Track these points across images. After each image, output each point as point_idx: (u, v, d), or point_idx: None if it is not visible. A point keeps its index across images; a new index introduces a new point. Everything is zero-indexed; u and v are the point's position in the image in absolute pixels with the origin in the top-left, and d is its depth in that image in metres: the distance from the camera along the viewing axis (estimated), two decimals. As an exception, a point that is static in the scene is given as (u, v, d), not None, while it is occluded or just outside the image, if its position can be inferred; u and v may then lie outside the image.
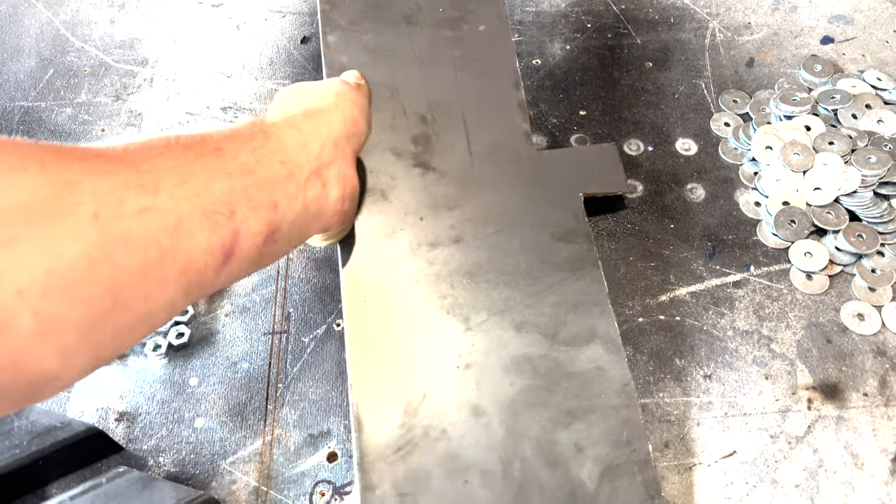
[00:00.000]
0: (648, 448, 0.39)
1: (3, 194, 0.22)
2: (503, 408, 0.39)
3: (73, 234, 0.23)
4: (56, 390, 0.25)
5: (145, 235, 0.26)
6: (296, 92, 0.41)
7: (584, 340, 0.42)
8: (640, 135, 0.56)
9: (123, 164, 0.27)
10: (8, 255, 0.22)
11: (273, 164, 0.33)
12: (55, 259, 0.23)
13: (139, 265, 0.26)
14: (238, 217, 0.30)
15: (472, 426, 0.39)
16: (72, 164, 0.25)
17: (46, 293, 0.22)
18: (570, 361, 0.41)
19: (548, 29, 0.64)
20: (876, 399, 0.43)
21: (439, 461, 0.38)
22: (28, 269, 0.22)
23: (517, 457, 0.38)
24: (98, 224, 0.24)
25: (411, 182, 0.46)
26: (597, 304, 0.43)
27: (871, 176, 0.49)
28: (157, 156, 0.28)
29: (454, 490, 0.37)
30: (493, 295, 0.43)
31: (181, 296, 0.28)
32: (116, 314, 0.25)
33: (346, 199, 0.39)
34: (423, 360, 0.40)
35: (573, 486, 0.37)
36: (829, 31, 0.63)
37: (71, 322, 0.23)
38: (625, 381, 0.40)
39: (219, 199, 0.29)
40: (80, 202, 0.24)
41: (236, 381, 0.45)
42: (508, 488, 0.37)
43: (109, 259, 0.24)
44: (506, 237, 0.45)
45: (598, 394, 0.40)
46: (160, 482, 0.38)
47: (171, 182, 0.28)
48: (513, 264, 0.44)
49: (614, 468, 0.38)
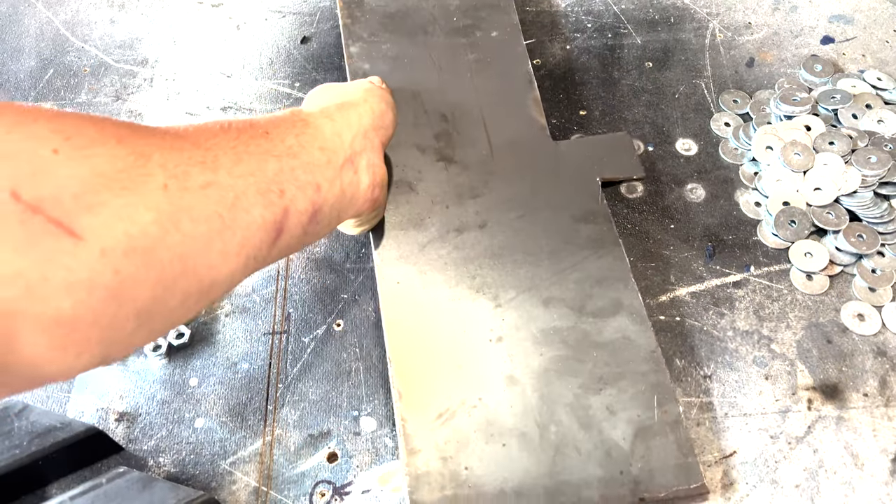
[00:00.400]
0: (679, 410, 0.40)
1: (88, 164, 0.24)
2: (536, 376, 0.42)
3: (146, 202, 0.25)
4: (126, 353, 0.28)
5: (208, 208, 0.28)
6: (327, 88, 0.44)
7: (610, 312, 0.44)
8: (640, 135, 0.56)
9: (188, 141, 0.29)
10: (94, 219, 0.24)
11: (314, 149, 0.36)
12: (133, 224, 0.25)
13: (204, 235, 0.28)
14: (287, 196, 0.33)
15: (507, 394, 0.41)
16: (143, 138, 0.27)
17: (127, 254, 0.24)
18: (598, 332, 0.43)
19: (548, 29, 0.64)
20: (876, 399, 0.43)
21: (478, 427, 0.40)
22: (111, 232, 0.24)
23: (552, 421, 0.40)
24: (167, 195, 0.26)
25: (436, 174, 0.50)
26: (620, 279, 0.45)
27: (872, 176, 0.49)
28: (214, 136, 0.30)
29: (494, 452, 0.39)
30: (519, 274, 0.45)
31: (240, 268, 0.30)
32: (185, 280, 0.27)
33: (375, 187, 0.41)
34: (456, 335, 0.43)
35: (608, 447, 0.39)
36: (829, 31, 0.63)
37: (148, 283, 0.26)
38: (652, 348, 0.43)
39: (270, 179, 0.32)
40: (151, 174, 0.26)
41: (236, 382, 0.45)
42: (546, 450, 0.39)
43: (178, 228, 0.27)
44: (528, 221, 0.48)
45: (627, 361, 0.42)
46: (160, 482, 0.38)
47: (229, 160, 0.30)
48: (537, 245, 0.47)
49: (647, 429, 0.40)
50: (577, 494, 0.38)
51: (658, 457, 0.39)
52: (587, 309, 0.44)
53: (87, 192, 0.24)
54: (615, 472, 0.38)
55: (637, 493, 0.38)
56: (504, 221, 0.48)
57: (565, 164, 0.51)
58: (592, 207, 0.48)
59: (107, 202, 0.24)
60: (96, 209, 0.24)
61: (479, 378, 0.41)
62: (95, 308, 0.24)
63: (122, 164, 0.25)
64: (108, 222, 0.24)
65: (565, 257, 0.46)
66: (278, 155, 0.33)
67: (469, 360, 0.42)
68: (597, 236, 0.47)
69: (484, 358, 0.42)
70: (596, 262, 0.46)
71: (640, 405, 0.40)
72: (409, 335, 0.43)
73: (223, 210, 0.29)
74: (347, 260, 0.50)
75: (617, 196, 0.53)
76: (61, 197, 0.23)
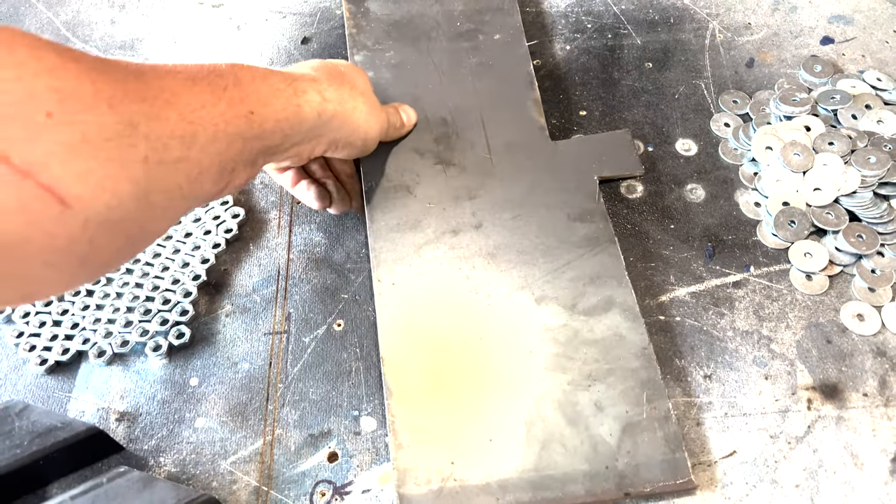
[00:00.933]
0: (668, 406, 0.41)
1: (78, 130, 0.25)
2: (524, 374, 0.42)
3: (128, 174, 0.26)
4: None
5: (174, 181, 0.29)
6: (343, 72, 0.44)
7: (602, 310, 0.44)
8: (640, 135, 0.56)
9: (175, 111, 0.29)
10: (82, 188, 0.24)
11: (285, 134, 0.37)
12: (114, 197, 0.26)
13: (164, 206, 0.29)
14: (236, 172, 0.34)
15: (495, 391, 0.42)
16: (134, 104, 0.27)
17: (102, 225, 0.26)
18: (590, 329, 0.44)
19: (548, 29, 0.64)
20: (876, 399, 0.44)
21: (465, 422, 0.41)
22: (95, 203, 0.25)
23: (539, 417, 0.41)
24: (146, 167, 0.27)
25: (434, 177, 0.50)
26: (614, 277, 0.46)
27: (871, 176, 0.49)
28: (202, 108, 0.31)
29: (480, 447, 0.40)
30: (513, 273, 0.46)
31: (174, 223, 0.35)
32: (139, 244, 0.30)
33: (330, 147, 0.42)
34: (447, 335, 0.44)
35: (595, 442, 0.40)
36: (828, 32, 0.63)
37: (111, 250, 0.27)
38: (643, 345, 0.43)
39: (233, 157, 0.33)
40: (135, 145, 0.27)
41: (237, 382, 0.45)
42: (532, 445, 0.40)
43: (147, 199, 0.28)
44: (524, 221, 0.48)
45: (618, 358, 0.43)
46: (161, 482, 0.38)
47: (206, 136, 0.31)
48: (531, 245, 0.47)
49: (635, 425, 0.40)
50: (562, 489, 0.38)
51: (645, 452, 0.39)
52: (579, 307, 0.44)
53: (75, 159, 0.24)
54: (601, 467, 0.39)
55: (622, 487, 0.38)
56: (499, 222, 0.48)
57: (564, 164, 0.51)
58: (589, 206, 0.49)
59: (93, 171, 0.25)
60: (84, 178, 0.24)
61: (468, 376, 0.42)
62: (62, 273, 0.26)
63: (110, 133, 0.25)
64: (94, 193, 0.25)
65: (560, 256, 0.47)
66: (249, 138, 0.34)
67: (459, 359, 0.43)
68: (593, 235, 0.47)
69: (473, 356, 0.43)
70: (590, 261, 0.46)
71: (629, 401, 0.41)
72: (402, 335, 0.44)
73: (185, 183, 0.30)
74: (348, 260, 0.50)
75: (617, 196, 0.53)
76: (50, 163, 0.23)
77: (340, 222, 0.52)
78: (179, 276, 0.48)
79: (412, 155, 0.51)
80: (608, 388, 0.41)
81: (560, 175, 0.51)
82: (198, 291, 0.48)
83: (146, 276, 0.48)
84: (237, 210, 0.51)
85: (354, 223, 0.52)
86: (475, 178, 0.50)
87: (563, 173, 0.51)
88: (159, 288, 0.48)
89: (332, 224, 0.52)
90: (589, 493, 0.38)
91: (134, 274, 0.48)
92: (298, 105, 0.37)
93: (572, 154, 0.52)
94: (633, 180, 0.53)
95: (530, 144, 0.52)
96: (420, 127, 0.53)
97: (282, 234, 0.51)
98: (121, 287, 0.48)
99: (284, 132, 0.36)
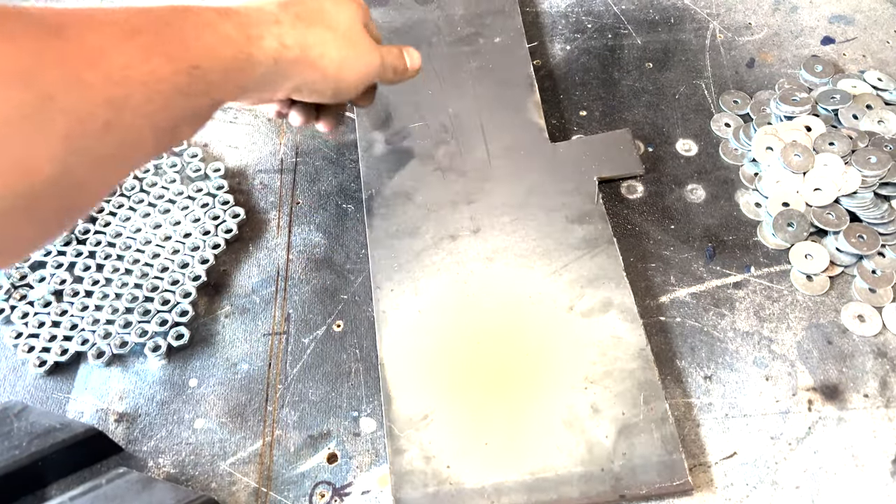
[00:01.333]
0: (666, 407, 0.41)
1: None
2: (521, 377, 0.42)
3: (48, 153, 0.24)
4: None
5: (104, 152, 0.27)
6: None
7: (600, 311, 0.45)
8: (640, 135, 0.56)
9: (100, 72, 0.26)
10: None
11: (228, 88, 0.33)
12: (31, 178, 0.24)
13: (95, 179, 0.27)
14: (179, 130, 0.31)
15: (492, 394, 0.42)
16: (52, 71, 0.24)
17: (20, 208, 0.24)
18: (588, 330, 0.44)
19: (548, 29, 0.64)
20: (876, 400, 0.43)
21: (461, 426, 0.41)
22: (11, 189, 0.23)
23: (535, 420, 0.41)
24: (67, 144, 0.25)
25: (433, 183, 0.51)
26: (612, 278, 0.46)
27: (872, 177, 0.49)
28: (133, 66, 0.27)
29: (475, 450, 0.40)
30: (510, 277, 0.46)
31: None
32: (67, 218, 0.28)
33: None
34: (444, 340, 0.44)
35: (591, 445, 0.40)
36: (829, 32, 0.63)
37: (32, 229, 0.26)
38: (641, 346, 0.43)
39: (172, 117, 0.30)
40: (54, 120, 0.24)
41: (236, 383, 0.45)
42: (527, 448, 0.40)
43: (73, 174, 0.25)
44: (522, 224, 0.49)
45: (615, 359, 0.43)
46: (160, 483, 0.38)
47: (140, 98, 0.27)
48: (529, 248, 0.48)
49: (632, 426, 0.40)
50: (557, 491, 0.38)
51: (641, 454, 0.39)
52: (577, 309, 0.45)
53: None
54: (596, 470, 0.39)
55: (618, 489, 0.38)
56: (498, 226, 0.49)
57: (563, 166, 0.51)
58: (588, 208, 0.49)
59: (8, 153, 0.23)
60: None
61: (465, 379, 0.42)
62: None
63: (28, 110, 0.23)
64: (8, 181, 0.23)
65: (558, 258, 0.47)
66: (192, 94, 0.30)
67: (456, 363, 0.43)
68: (591, 236, 0.48)
69: (470, 359, 0.43)
70: (589, 262, 0.46)
71: (625, 403, 0.41)
72: (401, 340, 0.44)
73: (117, 151, 0.27)
74: (347, 261, 0.50)
75: (617, 197, 0.53)
76: None
77: (340, 222, 0.52)
78: (178, 277, 0.48)
79: (412, 162, 0.52)
80: (605, 389, 0.41)
81: (559, 177, 0.51)
82: (197, 292, 0.48)
83: (145, 277, 0.48)
84: (237, 210, 0.51)
85: (354, 223, 0.52)
86: (474, 182, 0.51)
87: (562, 175, 0.51)
88: (158, 288, 0.48)
89: (332, 224, 0.52)
90: (584, 496, 0.38)
91: (133, 274, 0.48)
92: (250, 53, 0.33)
93: (572, 156, 0.52)
94: (634, 180, 0.53)
95: (530, 147, 0.52)
96: (420, 133, 0.54)
97: (281, 235, 0.51)
98: (120, 287, 0.48)
99: (234, 83, 0.33)
